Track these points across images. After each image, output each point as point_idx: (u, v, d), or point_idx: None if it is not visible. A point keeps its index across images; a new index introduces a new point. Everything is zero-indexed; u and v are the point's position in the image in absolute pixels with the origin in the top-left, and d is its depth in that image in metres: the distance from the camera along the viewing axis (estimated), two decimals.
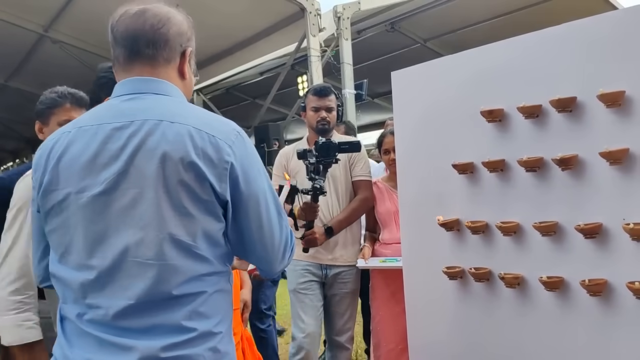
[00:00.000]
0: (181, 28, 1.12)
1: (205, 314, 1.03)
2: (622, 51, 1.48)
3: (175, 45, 1.11)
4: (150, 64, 1.09)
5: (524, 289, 1.70)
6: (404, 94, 2.04)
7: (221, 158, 1.01)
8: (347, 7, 5.74)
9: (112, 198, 0.99)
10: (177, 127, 1.01)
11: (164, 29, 1.09)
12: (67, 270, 1.03)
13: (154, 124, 1.01)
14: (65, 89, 1.79)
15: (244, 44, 6.52)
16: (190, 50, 1.14)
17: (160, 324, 0.99)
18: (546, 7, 6.10)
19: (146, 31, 1.08)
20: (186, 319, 1.00)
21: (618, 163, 1.48)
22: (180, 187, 0.98)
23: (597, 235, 1.53)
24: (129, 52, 1.09)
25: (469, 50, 1.84)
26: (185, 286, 1.00)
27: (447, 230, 1.87)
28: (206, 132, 1.02)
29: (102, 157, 1.01)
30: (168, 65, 1.11)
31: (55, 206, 1.03)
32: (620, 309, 1.50)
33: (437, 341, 1.95)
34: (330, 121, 2.61)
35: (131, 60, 1.09)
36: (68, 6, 5.82)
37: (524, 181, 1.69)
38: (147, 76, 1.09)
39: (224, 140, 1.03)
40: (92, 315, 1.00)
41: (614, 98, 1.47)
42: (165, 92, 1.08)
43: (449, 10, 6.28)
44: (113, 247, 0.99)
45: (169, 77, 1.11)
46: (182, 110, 1.05)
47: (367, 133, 9.96)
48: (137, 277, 0.98)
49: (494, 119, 1.73)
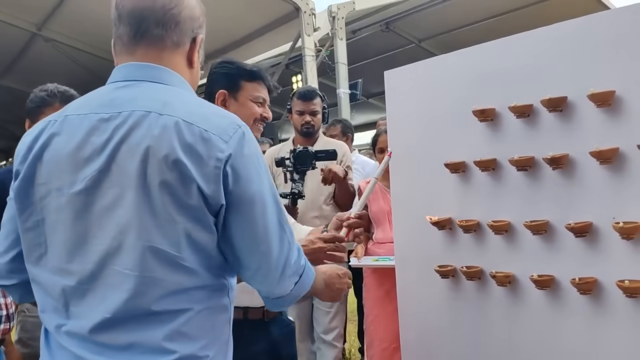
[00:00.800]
0: (194, 12, 1.04)
1: (189, 334, 0.91)
2: (613, 51, 1.49)
3: (187, 29, 1.02)
4: (157, 46, 0.99)
5: (515, 287, 1.71)
6: (396, 93, 2.05)
7: (212, 155, 0.89)
8: (341, 6, 5.74)
9: (93, 197, 0.90)
10: (165, 120, 0.90)
11: (175, 9, 0.99)
12: (46, 274, 0.94)
13: (141, 115, 0.90)
14: (56, 87, 1.77)
15: (239, 43, 6.52)
16: (201, 38, 1.06)
17: (138, 342, 0.89)
18: (540, 8, 6.13)
19: (156, 10, 0.98)
20: (167, 339, 0.89)
21: (608, 162, 1.49)
22: (163, 189, 0.87)
23: (587, 234, 1.54)
24: (135, 31, 0.98)
25: (462, 50, 1.85)
26: (166, 301, 0.89)
27: (439, 229, 1.87)
28: (198, 126, 0.90)
29: (84, 152, 0.91)
30: (176, 50, 1.01)
31: (36, 202, 0.94)
32: (610, 307, 1.51)
33: (429, 339, 1.96)
34: (315, 125, 2.70)
35: (136, 41, 0.99)
36: (61, 5, 5.79)
37: (515, 180, 1.70)
38: (151, 60, 0.98)
39: (219, 135, 0.91)
40: (70, 326, 0.91)
41: (604, 98, 1.48)
42: (162, 81, 0.98)
43: (443, 10, 6.30)
44: (93, 252, 0.90)
45: (175, 64, 1.01)
46: (176, 101, 0.94)
47: (361, 133, 9.96)
48: (115, 288, 0.89)
49: (486, 118, 1.74)
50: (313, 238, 1.53)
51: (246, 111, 1.67)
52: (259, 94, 1.69)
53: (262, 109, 1.69)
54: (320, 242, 1.51)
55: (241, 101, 1.69)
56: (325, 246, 1.51)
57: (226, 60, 1.75)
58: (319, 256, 1.50)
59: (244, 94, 1.69)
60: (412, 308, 2.01)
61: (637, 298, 1.45)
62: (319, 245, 1.50)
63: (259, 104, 1.68)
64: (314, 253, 1.49)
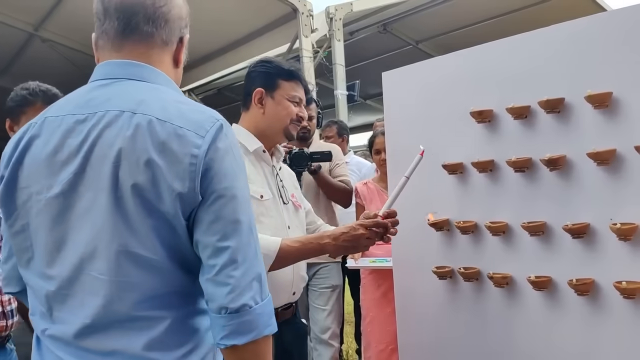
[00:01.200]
0: (181, 12, 1.02)
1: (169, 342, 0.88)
2: (610, 53, 1.50)
3: (175, 28, 1.00)
4: (146, 43, 0.96)
5: (512, 288, 1.71)
6: (394, 94, 2.05)
7: (187, 152, 0.86)
8: (339, 8, 5.74)
9: (70, 201, 0.88)
10: (138, 119, 0.87)
11: (165, 7, 0.97)
12: (34, 278, 0.93)
13: (115, 115, 0.88)
14: (37, 85, 1.70)
15: (236, 44, 6.51)
16: (187, 38, 1.04)
17: (119, 350, 0.87)
18: (537, 9, 6.14)
19: (147, 6, 0.96)
20: (146, 348, 0.87)
21: (605, 164, 1.49)
22: (135, 192, 0.85)
23: (584, 235, 1.54)
24: (124, 26, 0.95)
25: (459, 52, 1.85)
26: (144, 305, 0.87)
27: (436, 230, 1.88)
28: (172, 123, 0.87)
29: (62, 154, 0.89)
30: (164, 48, 0.99)
31: (20, 206, 0.93)
32: (608, 308, 1.52)
33: (427, 340, 1.96)
34: (311, 129, 2.75)
35: (124, 36, 0.96)
36: (59, 5, 5.78)
37: (513, 181, 1.70)
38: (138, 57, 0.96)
39: (195, 130, 0.88)
40: (54, 331, 0.90)
41: (602, 99, 1.48)
42: (144, 78, 0.95)
43: (441, 12, 6.31)
44: (70, 256, 0.88)
45: (161, 62, 0.99)
46: (153, 99, 0.91)
47: (359, 134, 9.97)
48: (92, 294, 0.87)
49: (484, 119, 1.74)
50: (354, 225, 1.55)
51: (282, 110, 1.70)
52: (296, 93, 1.71)
53: (298, 108, 1.72)
54: (362, 229, 1.53)
55: (278, 100, 1.70)
56: (367, 232, 1.53)
57: (265, 59, 1.77)
58: (360, 242, 1.53)
59: (281, 92, 1.70)
60: (410, 309, 2.01)
61: (634, 299, 1.45)
62: (360, 232, 1.52)
63: (295, 104, 1.71)
64: (355, 240, 1.53)
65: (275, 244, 1.52)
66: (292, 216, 1.74)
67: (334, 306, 2.76)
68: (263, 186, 1.67)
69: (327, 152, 2.51)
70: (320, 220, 1.93)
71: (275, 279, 1.61)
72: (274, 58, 1.79)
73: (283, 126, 1.71)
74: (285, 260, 1.56)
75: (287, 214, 1.72)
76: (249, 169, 1.65)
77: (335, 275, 2.78)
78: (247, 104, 1.73)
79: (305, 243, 1.55)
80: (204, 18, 6.04)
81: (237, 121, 1.74)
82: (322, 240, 1.55)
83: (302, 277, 1.74)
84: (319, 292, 2.72)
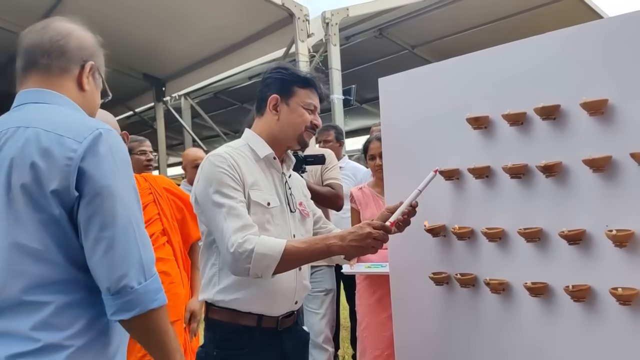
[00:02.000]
0: (83, 43, 1.21)
1: (55, 324, 1.02)
2: (605, 60, 1.50)
3: (74, 57, 1.18)
4: (45, 73, 1.16)
5: (509, 294, 1.71)
6: (390, 100, 2.05)
7: (64, 155, 1.03)
8: (335, 13, 5.76)
9: None
10: (29, 132, 1.06)
11: (62, 41, 1.17)
12: None
13: (13, 130, 1.08)
14: None
15: (233, 48, 6.52)
16: (91, 65, 1.21)
17: (10, 331, 1.01)
18: (533, 15, 6.18)
19: (44, 43, 1.16)
20: (33, 328, 1.01)
21: (601, 170, 1.50)
22: (23, 191, 1.02)
23: (580, 241, 1.54)
24: (27, 62, 1.17)
25: (456, 58, 1.86)
26: (33, 291, 1.02)
27: (433, 236, 1.88)
28: (55, 133, 1.05)
29: None
30: (64, 75, 1.18)
31: None
32: (604, 315, 1.52)
33: (423, 346, 1.95)
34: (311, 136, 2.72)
35: (28, 70, 1.17)
36: (54, 9, 5.77)
37: (509, 188, 1.70)
38: (40, 85, 1.15)
39: (74, 138, 1.05)
40: None
41: (597, 106, 1.49)
42: (44, 101, 1.14)
43: (436, 17, 6.35)
44: None
45: (64, 87, 1.17)
46: (46, 115, 1.10)
47: (355, 138, 9.99)
48: None
49: (480, 126, 1.75)
50: (362, 224, 1.57)
51: (297, 117, 1.69)
52: (311, 100, 1.71)
53: (313, 116, 1.72)
54: (369, 228, 1.54)
55: (293, 107, 1.70)
56: (374, 232, 1.53)
57: (281, 65, 1.77)
58: (367, 241, 1.53)
59: (296, 99, 1.70)
60: (406, 315, 2.01)
61: (630, 305, 1.45)
62: (368, 231, 1.53)
63: (309, 111, 1.71)
64: (363, 239, 1.53)
65: (280, 245, 1.51)
66: (298, 225, 1.74)
67: (327, 310, 2.75)
68: (271, 193, 1.67)
69: (320, 155, 2.53)
70: (331, 225, 1.92)
71: (278, 287, 1.60)
72: (290, 65, 1.80)
73: (297, 133, 1.71)
74: (292, 261, 1.54)
75: (294, 222, 1.72)
76: (258, 176, 1.66)
77: (328, 279, 2.78)
78: (262, 110, 1.73)
79: (311, 244, 1.55)
80: (200, 22, 6.05)
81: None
82: (328, 241, 1.54)
83: (304, 286, 1.73)
84: (313, 296, 2.72)
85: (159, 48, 6.75)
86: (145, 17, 5.85)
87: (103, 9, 5.59)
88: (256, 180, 1.64)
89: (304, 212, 1.78)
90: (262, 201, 1.62)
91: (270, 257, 1.49)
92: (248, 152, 1.69)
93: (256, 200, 1.61)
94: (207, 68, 7.15)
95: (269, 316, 1.63)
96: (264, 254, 1.49)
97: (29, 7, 5.84)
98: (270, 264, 1.50)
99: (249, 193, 1.61)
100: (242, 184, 1.60)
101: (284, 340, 1.68)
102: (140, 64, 7.40)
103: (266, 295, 1.60)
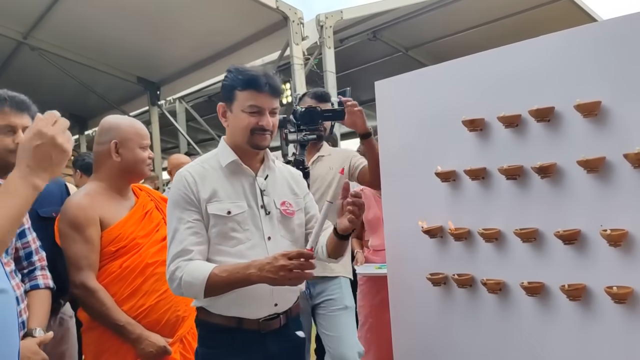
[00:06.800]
0: None
1: None
2: (598, 63, 1.53)
3: None
4: None
5: (505, 294, 1.73)
6: (387, 103, 2.07)
7: None
8: (329, 16, 5.77)
9: None
10: None
11: None
12: None
13: None
14: (5, 92, 1.73)
15: (227, 52, 6.52)
16: None
17: None
18: (526, 17, 6.22)
19: None
20: None
21: (595, 171, 1.52)
22: None
23: (575, 241, 1.57)
24: None
25: (451, 61, 1.88)
26: None
27: (430, 237, 1.90)
28: None
29: None
30: None
31: None
32: (599, 313, 1.54)
33: (422, 346, 1.97)
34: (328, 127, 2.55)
35: None
36: (48, 13, 5.75)
37: (505, 189, 1.72)
38: None
39: None
40: None
41: (591, 108, 1.52)
42: None
43: (430, 20, 6.37)
44: None
45: None
46: None
47: (349, 140, 10.00)
48: None
49: (475, 128, 1.77)
50: (278, 255, 1.49)
51: (239, 123, 1.64)
52: (253, 102, 1.62)
53: (258, 117, 1.63)
54: (283, 260, 1.47)
55: (235, 113, 1.65)
56: (288, 264, 1.46)
57: (229, 68, 1.69)
58: (280, 274, 1.46)
59: (237, 105, 1.64)
60: (405, 315, 2.03)
61: (625, 304, 1.48)
62: (280, 263, 1.46)
63: (253, 114, 1.62)
64: (276, 271, 1.47)
65: (205, 274, 1.53)
66: (277, 226, 1.69)
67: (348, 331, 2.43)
68: (236, 200, 1.64)
69: (339, 110, 2.27)
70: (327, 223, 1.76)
71: (253, 291, 1.58)
72: (240, 66, 1.68)
73: (245, 140, 1.65)
74: (217, 289, 1.56)
75: (270, 224, 1.68)
76: (218, 186, 1.64)
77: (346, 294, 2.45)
78: None
79: (232, 273, 1.54)
80: (194, 26, 6.05)
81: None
82: (248, 270, 1.51)
83: (286, 289, 1.64)
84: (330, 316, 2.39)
85: (153, 52, 6.74)
86: (139, 21, 5.84)
87: (97, 13, 5.58)
88: (215, 192, 1.64)
89: (287, 212, 1.72)
90: (220, 212, 1.62)
91: (196, 285, 1.54)
92: (215, 162, 1.70)
93: (213, 213, 1.62)
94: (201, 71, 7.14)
95: (249, 319, 1.63)
96: (190, 282, 1.55)
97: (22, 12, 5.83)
98: (197, 291, 1.55)
99: (206, 207, 1.62)
100: (198, 201, 1.62)
101: (268, 344, 1.65)
102: (134, 68, 7.38)
103: (242, 299, 1.59)
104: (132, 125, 2.07)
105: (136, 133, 2.05)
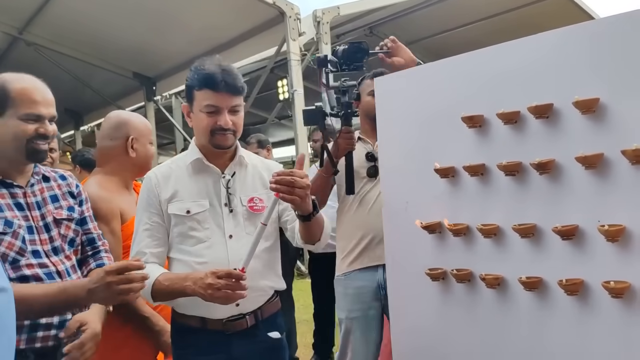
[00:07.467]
0: None
1: None
2: (597, 60, 1.54)
3: None
4: None
5: (504, 289, 1.75)
6: (386, 100, 2.08)
7: None
8: (326, 11, 5.78)
9: None
10: None
11: None
12: None
13: None
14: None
15: (224, 47, 6.51)
16: None
17: None
18: (523, 12, 6.25)
19: None
20: None
21: (593, 167, 1.54)
22: None
23: (573, 236, 1.58)
24: None
25: (450, 58, 1.89)
26: None
27: (429, 233, 1.91)
28: None
29: None
30: None
31: None
32: (597, 308, 1.56)
33: (420, 341, 1.99)
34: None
35: None
36: (43, 8, 5.73)
37: (504, 185, 1.74)
38: None
39: None
40: None
41: (589, 105, 1.53)
42: None
43: (426, 15, 6.39)
44: None
45: None
46: None
47: None
48: None
49: (474, 124, 1.78)
50: (208, 272, 1.48)
51: (199, 123, 1.62)
52: (209, 102, 1.59)
53: (216, 117, 1.59)
54: (211, 278, 1.45)
55: (195, 113, 1.64)
56: (215, 282, 1.44)
57: (190, 67, 1.66)
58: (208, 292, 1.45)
59: (196, 105, 1.62)
60: (404, 310, 2.04)
61: (622, 298, 1.49)
62: (208, 282, 1.45)
63: (210, 114, 1.59)
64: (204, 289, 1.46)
65: (151, 280, 1.55)
66: (241, 224, 1.67)
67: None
68: (198, 199, 1.65)
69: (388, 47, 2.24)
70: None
71: None
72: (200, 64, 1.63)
73: (207, 140, 1.64)
74: (161, 296, 1.59)
75: (233, 221, 1.66)
76: (180, 184, 1.65)
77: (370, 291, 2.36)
78: None
79: (173, 282, 1.56)
80: (191, 21, 6.04)
81: None
82: (185, 282, 1.52)
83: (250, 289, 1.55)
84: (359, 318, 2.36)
85: (150, 47, 6.72)
86: (135, 16, 5.83)
87: (93, 8, 5.56)
88: (176, 192, 1.65)
89: (254, 208, 1.69)
90: (179, 211, 1.63)
91: (144, 290, 1.55)
92: (182, 162, 1.71)
93: (173, 213, 1.64)
94: None
95: (212, 319, 1.63)
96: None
97: (18, 7, 5.80)
98: (146, 295, 1.59)
99: (167, 207, 1.64)
100: (159, 202, 1.65)
101: (233, 344, 1.64)
102: (130, 63, 7.36)
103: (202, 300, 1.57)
104: (142, 121, 2.09)
105: (147, 129, 2.07)
